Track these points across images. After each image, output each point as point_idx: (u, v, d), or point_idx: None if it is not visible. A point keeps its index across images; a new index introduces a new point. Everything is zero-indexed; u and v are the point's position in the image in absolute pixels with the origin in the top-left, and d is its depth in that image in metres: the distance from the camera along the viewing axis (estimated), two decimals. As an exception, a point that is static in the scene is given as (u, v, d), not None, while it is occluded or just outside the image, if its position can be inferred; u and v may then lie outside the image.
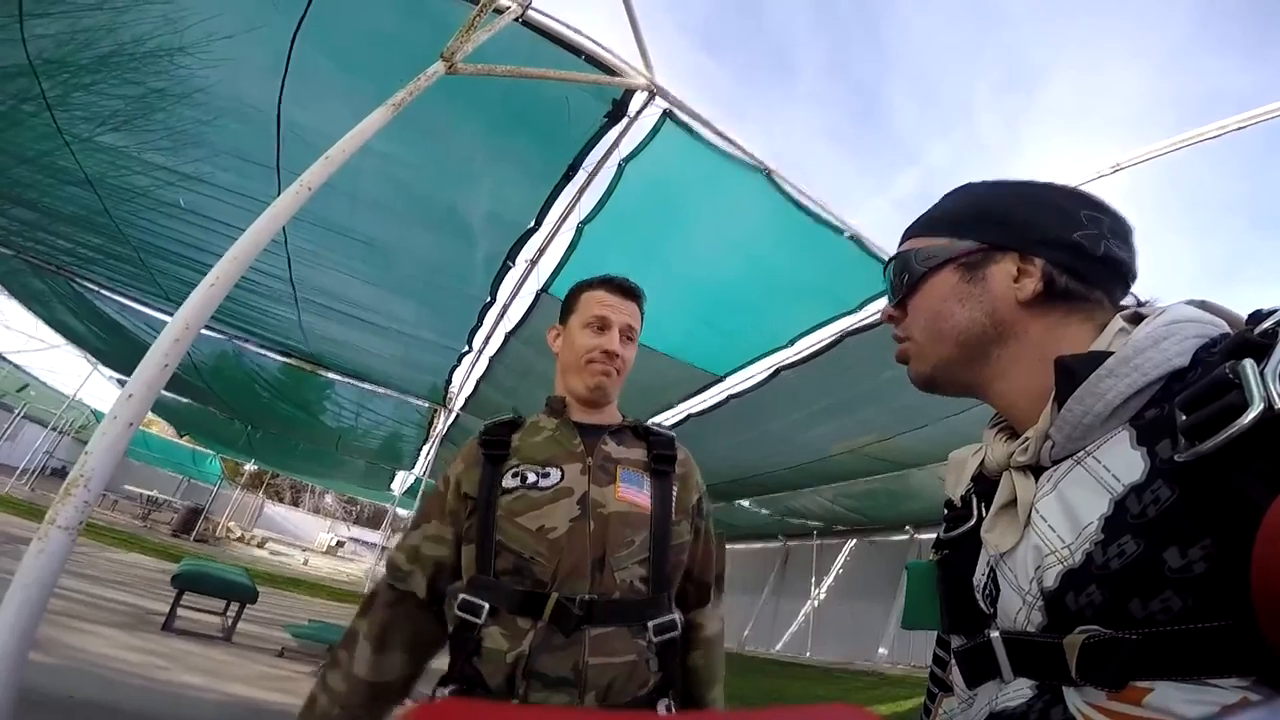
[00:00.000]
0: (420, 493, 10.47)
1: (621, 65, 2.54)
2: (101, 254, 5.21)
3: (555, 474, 1.05)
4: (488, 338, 4.87)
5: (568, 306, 1.21)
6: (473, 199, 3.40)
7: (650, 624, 0.98)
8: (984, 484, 0.62)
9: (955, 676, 0.61)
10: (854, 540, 10.34)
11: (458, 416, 6.94)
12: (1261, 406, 0.37)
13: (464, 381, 6.02)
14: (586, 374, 1.14)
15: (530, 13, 2.34)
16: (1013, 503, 0.54)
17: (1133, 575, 0.42)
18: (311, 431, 10.25)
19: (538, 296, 4.04)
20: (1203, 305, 0.51)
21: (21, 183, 4.34)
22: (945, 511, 0.67)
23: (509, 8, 2.19)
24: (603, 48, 2.50)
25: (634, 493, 1.07)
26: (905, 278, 0.63)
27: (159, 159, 3.64)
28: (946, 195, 0.66)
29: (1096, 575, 0.44)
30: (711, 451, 6.37)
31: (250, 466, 20.41)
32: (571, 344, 1.17)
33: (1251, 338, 0.42)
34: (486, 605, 0.96)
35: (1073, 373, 0.49)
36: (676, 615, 1.03)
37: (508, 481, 1.05)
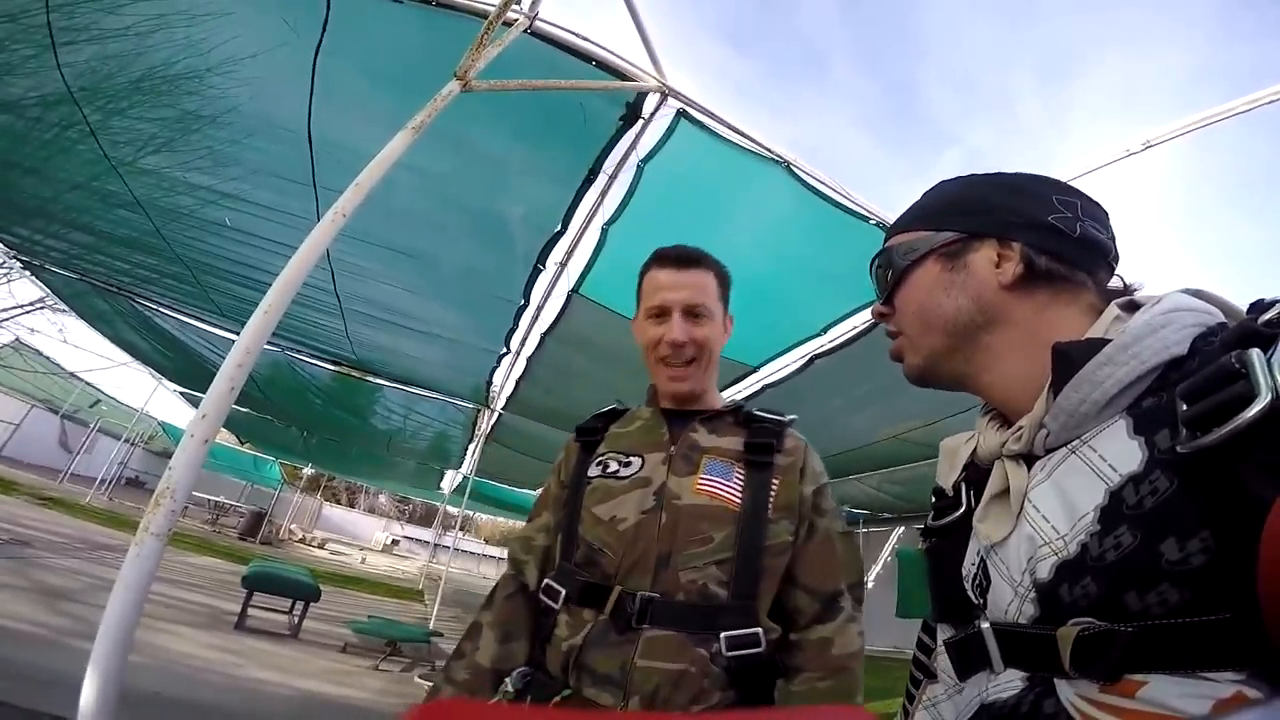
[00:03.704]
0: (468, 491, 10.76)
1: (632, 69, 2.56)
2: (157, 273, 5.49)
3: (636, 463, 1.01)
4: (524, 339, 4.98)
5: (637, 293, 1.13)
6: (501, 205, 3.48)
7: (723, 635, 0.87)
8: (974, 472, 0.61)
9: (941, 664, 0.61)
10: (901, 527, 10.17)
11: (500, 416, 7.10)
12: (1270, 397, 0.36)
13: (504, 382, 6.16)
14: (659, 375, 1.08)
15: (538, 24, 2.37)
16: (1005, 492, 0.53)
17: (1129, 567, 0.41)
18: (363, 435, 10.64)
19: (569, 297, 4.11)
20: (1198, 294, 0.51)
21: (75, 208, 4.59)
22: (933, 500, 0.67)
23: (517, 19, 2.24)
24: (612, 53, 2.52)
25: (718, 484, 0.98)
26: (889, 273, 0.64)
27: (200, 179, 3.80)
28: (924, 193, 0.66)
29: (1091, 567, 0.43)
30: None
31: (308, 470, 21.27)
32: (642, 336, 1.10)
33: (1256, 327, 0.42)
34: (563, 592, 0.95)
35: (1071, 360, 0.49)
36: (761, 630, 0.89)
37: (592, 470, 1.03)
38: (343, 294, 4.84)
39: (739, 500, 0.96)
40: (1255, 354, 0.39)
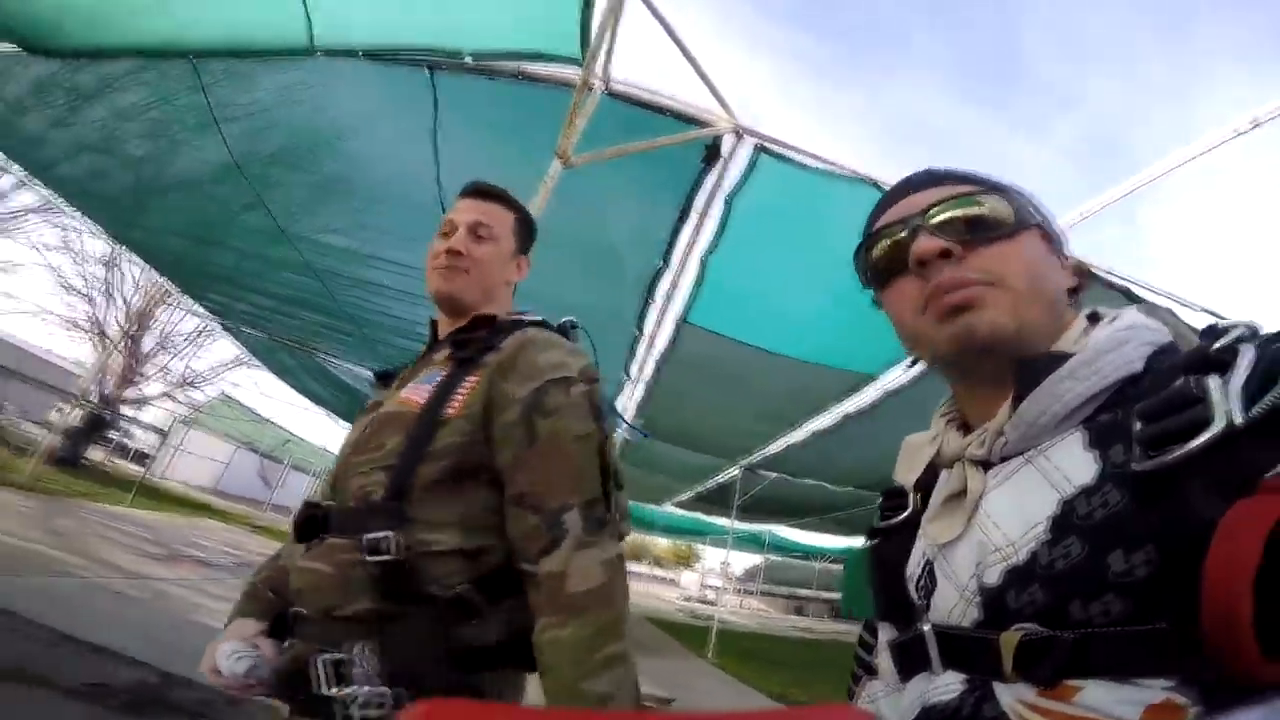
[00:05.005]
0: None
1: (704, 114, 2.77)
2: (328, 329, 6.23)
3: (387, 393, 1.02)
4: (641, 367, 5.33)
5: None
6: (606, 247, 3.80)
7: (364, 538, 0.82)
8: (925, 474, 0.62)
9: (882, 662, 0.62)
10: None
11: (630, 438, 7.54)
12: (1223, 424, 0.38)
13: (628, 406, 6.56)
14: (429, 278, 1.06)
15: (613, 86, 2.65)
16: (960, 494, 0.54)
17: (1076, 577, 0.42)
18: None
19: (679, 326, 4.38)
20: (1151, 311, 0.54)
21: (253, 273, 5.28)
22: (881, 500, 0.68)
23: (594, 86, 2.52)
24: (683, 102, 2.75)
25: (414, 391, 0.94)
26: (1001, 215, 0.55)
27: (343, 242, 4.24)
28: (976, 174, 0.61)
29: (1040, 575, 0.44)
30: (884, 450, 6.24)
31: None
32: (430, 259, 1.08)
33: (1212, 354, 0.43)
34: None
35: (1034, 372, 0.50)
36: (394, 534, 0.81)
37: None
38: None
39: (420, 403, 0.91)
40: (1213, 381, 0.41)
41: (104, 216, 5.23)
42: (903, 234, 0.57)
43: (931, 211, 0.56)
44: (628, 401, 6.39)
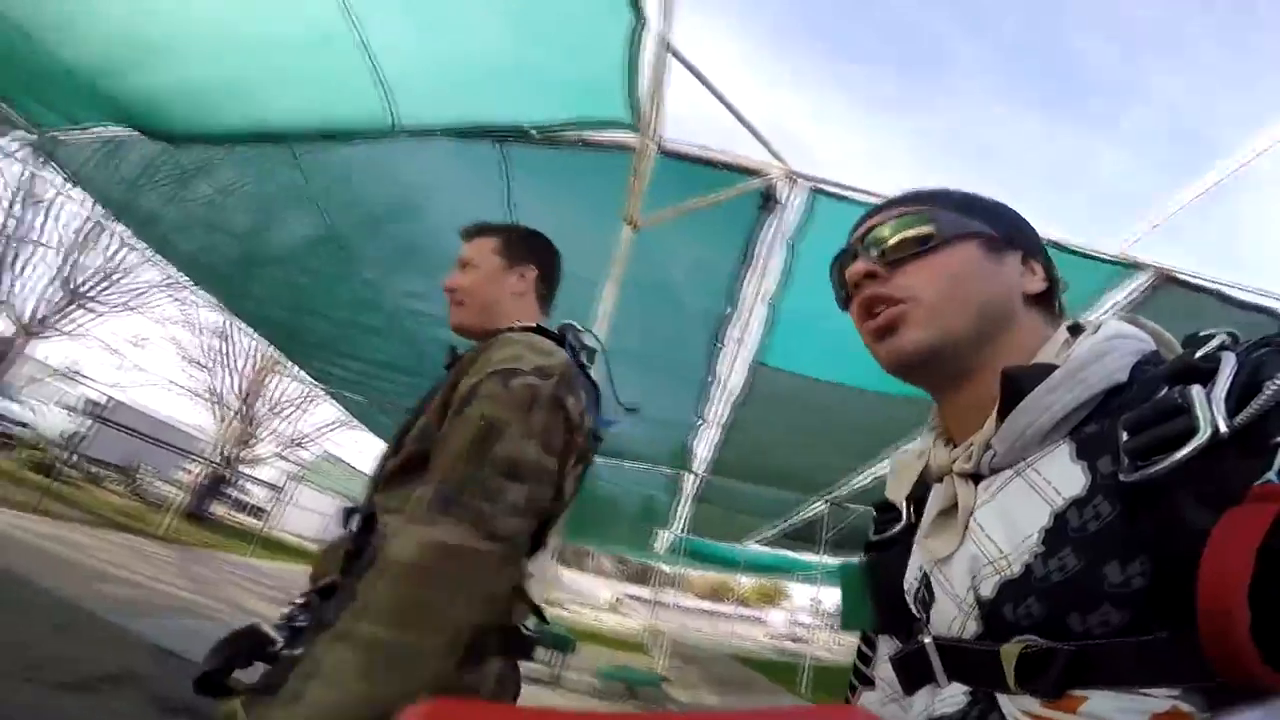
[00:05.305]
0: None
1: (758, 164, 2.80)
2: (416, 389, 6.70)
3: None
4: (715, 409, 5.31)
5: None
6: (674, 295, 3.88)
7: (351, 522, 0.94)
8: (917, 488, 0.62)
9: (881, 672, 0.62)
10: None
11: (707, 480, 7.47)
12: (1209, 433, 0.38)
13: (704, 449, 6.53)
14: None
15: (667, 145, 2.72)
16: (952, 509, 0.54)
17: (1073, 589, 0.42)
18: (583, 502, 11.64)
19: (753, 368, 4.37)
20: (1133, 320, 0.54)
21: (346, 339, 5.62)
22: (874, 515, 0.69)
23: (650, 148, 2.60)
24: (736, 155, 2.79)
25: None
26: (922, 233, 0.58)
27: (426, 306, 4.39)
28: (942, 189, 0.65)
29: (1036, 587, 0.44)
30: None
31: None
32: None
33: (1194, 363, 0.43)
34: None
35: (1019, 384, 0.50)
36: (360, 516, 0.92)
37: None
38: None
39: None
40: (1197, 390, 0.40)
41: (216, 289, 5.74)
42: (845, 259, 0.63)
43: (867, 236, 0.61)
44: (702, 444, 6.36)
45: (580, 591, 35.81)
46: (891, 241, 0.59)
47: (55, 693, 3.14)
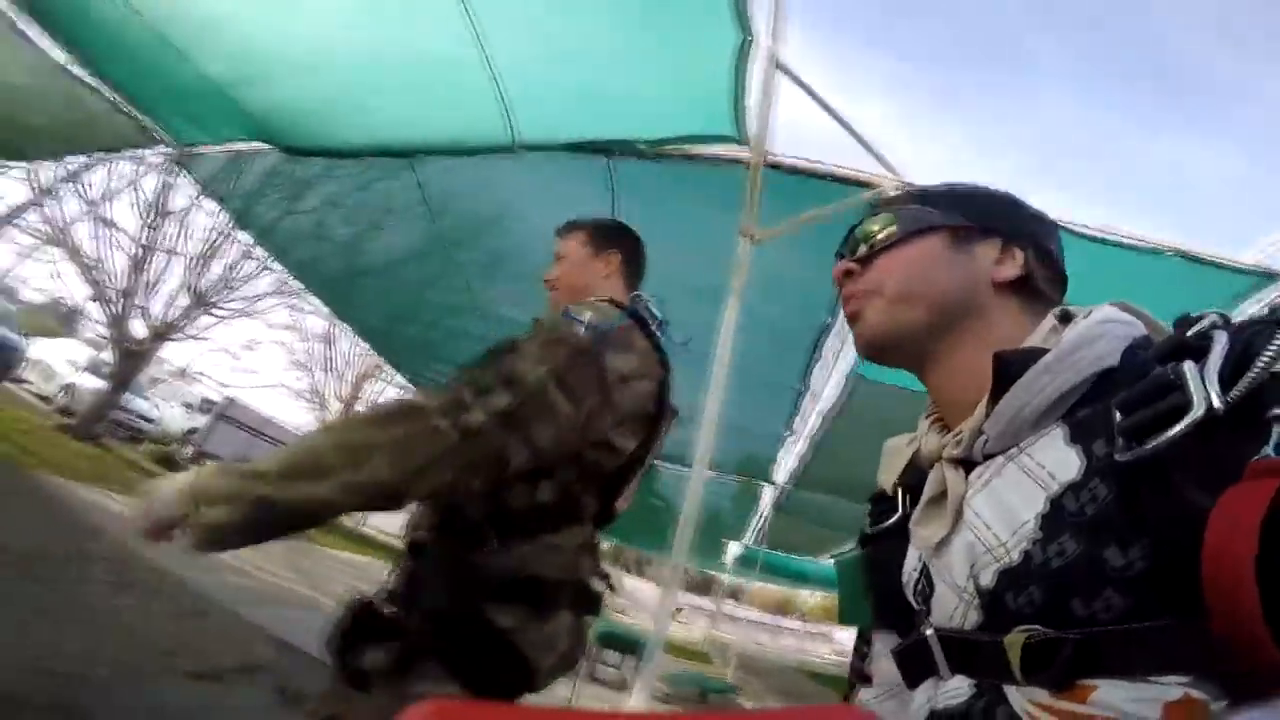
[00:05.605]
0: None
1: (868, 176, 2.75)
2: None
3: None
4: (806, 420, 5.19)
5: None
6: (778, 304, 3.83)
7: None
8: (911, 477, 0.62)
9: (880, 668, 0.61)
10: None
11: (790, 491, 7.32)
12: (1203, 408, 0.38)
13: (787, 460, 6.40)
14: None
15: (777, 158, 2.70)
16: (942, 495, 0.53)
17: (1074, 574, 0.41)
18: (642, 509, 11.69)
19: (850, 380, 4.27)
20: (1125, 307, 0.53)
21: (441, 344, 5.79)
22: (870, 505, 0.68)
23: (760, 162, 2.57)
24: (845, 167, 2.76)
25: None
26: (888, 231, 0.62)
27: (528, 315, 4.74)
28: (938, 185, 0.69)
29: (1036, 574, 0.43)
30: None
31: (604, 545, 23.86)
32: None
33: (1186, 341, 0.43)
34: None
35: (1010, 367, 0.49)
36: None
37: None
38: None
39: None
40: (1189, 366, 0.40)
41: (323, 295, 6.07)
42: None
43: (849, 239, 0.67)
44: (787, 455, 6.24)
45: (641, 599, 35.87)
46: (864, 241, 0.65)
47: (188, 682, 3.31)
